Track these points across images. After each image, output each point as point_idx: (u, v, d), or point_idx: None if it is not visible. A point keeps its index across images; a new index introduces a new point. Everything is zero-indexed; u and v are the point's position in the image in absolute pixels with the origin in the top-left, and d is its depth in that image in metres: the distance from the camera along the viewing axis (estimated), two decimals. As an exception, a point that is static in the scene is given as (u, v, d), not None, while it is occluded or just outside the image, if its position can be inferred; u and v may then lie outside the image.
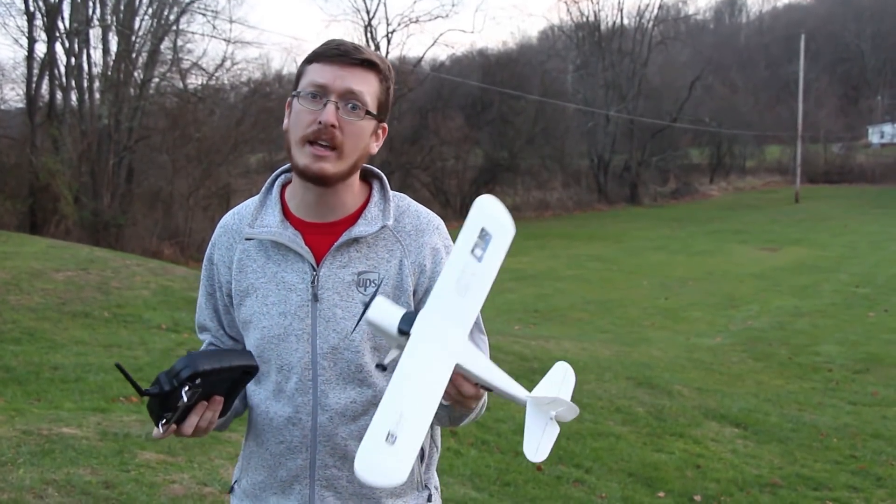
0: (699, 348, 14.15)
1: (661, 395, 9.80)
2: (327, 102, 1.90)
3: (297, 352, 1.98)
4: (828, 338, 14.80)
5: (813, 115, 54.83)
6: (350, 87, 1.91)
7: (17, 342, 9.40)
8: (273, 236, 1.98)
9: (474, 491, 5.76)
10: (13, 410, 6.69)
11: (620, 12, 54.68)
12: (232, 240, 2.06)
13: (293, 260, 1.99)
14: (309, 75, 1.94)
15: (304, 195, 2.01)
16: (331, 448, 2.00)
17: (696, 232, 34.19)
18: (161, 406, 1.79)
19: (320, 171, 1.91)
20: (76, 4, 29.37)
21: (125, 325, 10.59)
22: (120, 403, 7.28)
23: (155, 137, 29.94)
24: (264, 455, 2.05)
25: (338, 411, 1.99)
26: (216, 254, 2.09)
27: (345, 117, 1.91)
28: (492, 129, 42.90)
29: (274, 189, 2.09)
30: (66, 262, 13.58)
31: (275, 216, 2.02)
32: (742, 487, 6.74)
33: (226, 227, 2.09)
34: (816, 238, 30.92)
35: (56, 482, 4.75)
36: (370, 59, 1.95)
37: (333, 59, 1.92)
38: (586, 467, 6.81)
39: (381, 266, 1.99)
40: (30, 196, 26.68)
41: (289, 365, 1.98)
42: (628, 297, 20.22)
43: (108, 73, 29.98)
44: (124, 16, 30.18)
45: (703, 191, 52.42)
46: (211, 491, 4.94)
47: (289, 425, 2.00)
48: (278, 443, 2.02)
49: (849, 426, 8.99)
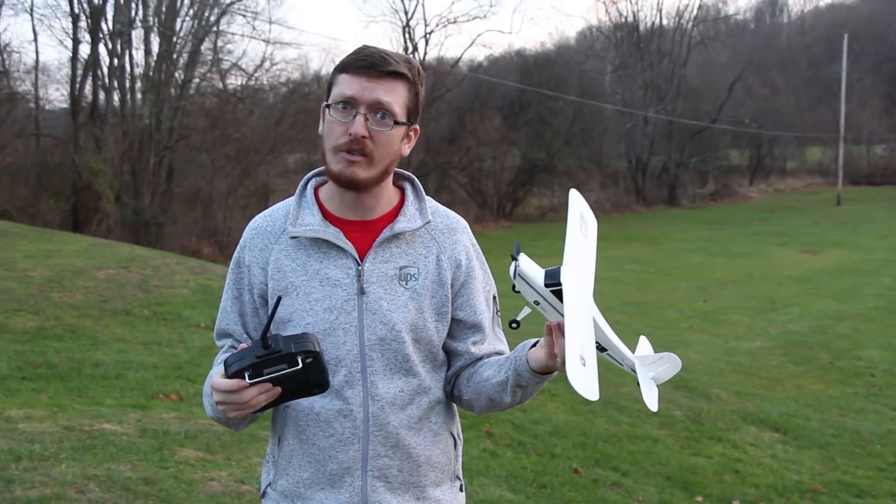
0: (738, 352, 14.02)
1: (699, 398, 9.72)
2: (356, 114, 1.97)
3: (345, 345, 2.02)
4: (870, 342, 14.60)
5: (856, 115, 54.04)
6: (378, 98, 1.97)
7: (59, 339, 9.52)
8: (317, 233, 2.03)
9: (510, 493, 5.75)
10: (56, 406, 6.78)
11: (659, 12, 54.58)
12: (266, 241, 2.09)
13: (336, 256, 2.04)
14: (339, 86, 2.00)
15: (343, 196, 2.07)
16: (383, 437, 2.03)
17: (735, 234, 33.87)
18: (258, 362, 1.77)
19: (353, 176, 1.99)
20: (119, 6, 29.72)
21: (165, 323, 10.69)
22: (159, 401, 7.35)
23: (195, 137, 30.19)
24: (311, 450, 2.05)
25: (388, 401, 2.03)
26: (247, 256, 2.11)
27: (374, 128, 1.98)
28: (529, 130, 42.72)
29: (308, 191, 2.15)
30: (108, 260, 13.75)
31: (314, 215, 2.07)
32: (782, 493, 6.68)
33: (258, 229, 2.13)
34: (859, 241, 30.51)
35: (97, 477, 4.80)
36: (399, 70, 2.00)
37: (361, 71, 1.98)
38: (623, 470, 6.78)
39: (420, 262, 2.08)
40: (72, 195, 26.98)
41: (336, 358, 2.01)
42: (666, 299, 20.09)
43: (150, 74, 30.30)
44: (166, 17, 30.47)
45: (742, 192, 51.90)
46: (248, 489, 4.97)
47: (339, 417, 2.02)
48: (327, 436, 2.03)
49: (892, 432, 8.88)
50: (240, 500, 4.78)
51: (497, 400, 2.07)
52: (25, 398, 7.17)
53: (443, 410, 2.16)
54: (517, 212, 41.62)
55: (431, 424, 2.11)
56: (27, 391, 7.50)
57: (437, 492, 2.12)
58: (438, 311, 2.10)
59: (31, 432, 5.65)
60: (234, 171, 29.43)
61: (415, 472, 2.07)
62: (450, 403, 2.20)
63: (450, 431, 2.18)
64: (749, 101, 53.34)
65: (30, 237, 15.75)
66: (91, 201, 26.75)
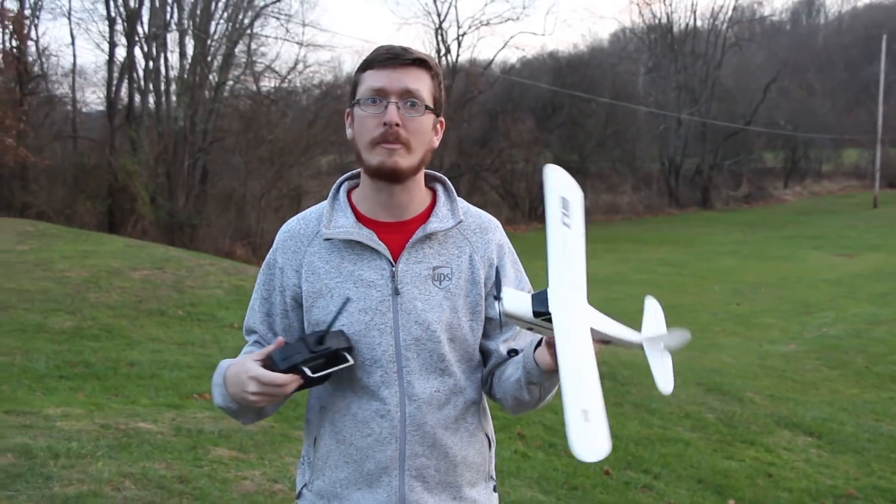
0: (772, 355, 13.91)
1: (732, 401, 9.66)
2: (388, 104, 2.00)
3: (380, 345, 2.03)
4: (906, 347, 14.43)
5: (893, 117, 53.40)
6: (407, 86, 2.01)
7: (96, 338, 9.63)
8: (351, 235, 2.05)
9: (541, 494, 5.75)
10: (92, 405, 6.87)
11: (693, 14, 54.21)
12: (299, 244, 2.12)
13: (370, 258, 2.06)
14: (366, 82, 2.03)
15: (377, 196, 2.09)
16: (420, 437, 2.05)
17: (769, 237, 33.60)
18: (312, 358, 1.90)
19: (394, 166, 2.01)
20: (155, 10, 30.01)
21: (199, 324, 10.78)
22: (193, 400, 7.42)
23: (229, 139, 30.40)
24: (348, 451, 2.06)
25: (425, 400, 2.05)
26: (280, 258, 2.14)
27: (406, 115, 2.01)
28: (562, 132, 42.66)
29: (341, 194, 2.17)
30: (143, 261, 13.88)
31: (348, 218, 2.09)
32: (816, 498, 6.62)
33: (291, 232, 2.15)
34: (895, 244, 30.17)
35: (133, 475, 4.86)
36: (421, 58, 2.04)
37: (386, 63, 2.02)
38: (655, 473, 6.75)
39: (453, 261, 2.09)
40: (108, 196, 27.27)
41: (372, 359, 2.03)
42: (699, 302, 19.97)
43: (185, 77, 30.56)
44: (200, 20, 30.72)
45: (777, 195, 51.45)
46: (281, 488, 5.01)
47: (377, 417, 2.04)
48: (365, 436, 2.04)
49: (928, 438, 8.78)
50: (272, 500, 4.82)
51: (520, 398, 2.06)
52: (63, 397, 7.27)
53: (478, 411, 2.17)
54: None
55: (468, 424, 2.13)
56: (65, 390, 7.59)
57: (472, 492, 2.14)
58: (472, 310, 2.11)
59: (68, 430, 5.72)
60: (268, 173, 29.58)
61: (451, 471, 2.09)
62: (484, 404, 2.21)
63: (485, 432, 2.20)
64: (784, 103, 52.85)
65: (67, 238, 15.93)
66: (127, 203, 27.01)
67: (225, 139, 30.41)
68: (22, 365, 8.38)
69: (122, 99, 30.16)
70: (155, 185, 28.09)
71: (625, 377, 10.11)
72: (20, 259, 13.39)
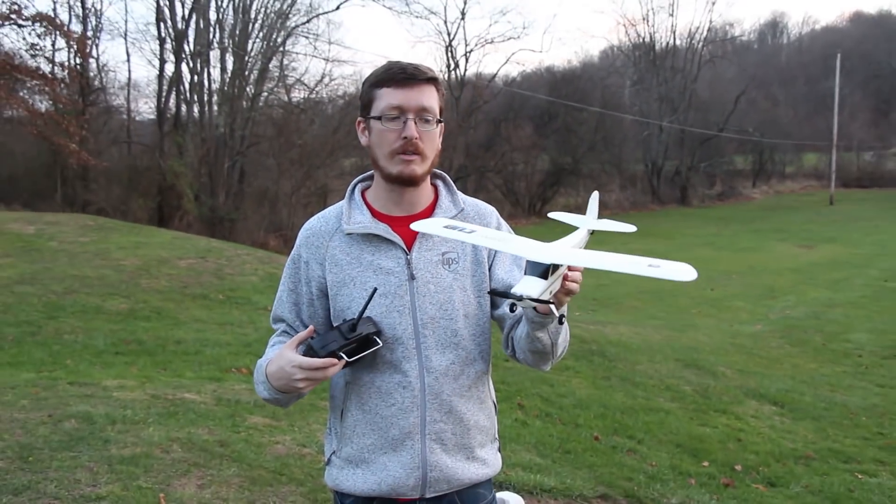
0: (741, 334, 13.87)
1: (707, 375, 9.64)
2: (406, 120, 2.01)
3: (400, 325, 2.03)
4: (858, 327, 14.38)
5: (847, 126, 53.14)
6: (422, 104, 2.03)
7: (147, 319, 9.65)
8: (369, 229, 2.06)
9: (539, 457, 5.74)
10: (144, 378, 6.88)
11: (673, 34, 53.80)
12: (321, 240, 2.12)
13: (386, 248, 2.06)
14: (384, 99, 2.03)
15: (390, 195, 2.11)
16: (438, 404, 2.05)
17: (739, 230, 33.50)
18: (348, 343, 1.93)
19: (412, 174, 2.04)
20: (199, 30, 30.04)
21: (237, 307, 10.79)
22: (232, 374, 7.43)
23: (263, 144, 30.45)
24: (374, 419, 2.06)
25: (441, 372, 2.05)
26: (304, 253, 2.14)
27: (422, 129, 2.03)
28: (557, 138, 42.53)
29: (356, 194, 2.19)
30: (188, 251, 13.91)
31: (364, 214, 2.11)
32: (779, 459, 6.61)
33: (313, 229, 2.15)
34: (849, 237, 30.04)
35: (179, 439, 4.86)
36: (431, 76, 2.06)
37: (403, 83, 2.03)
38: (639, 438, 6.74)
39: (459, 247, 2.11)
40: (158, 194, 27.38)
41: (393, 337, 2.03)
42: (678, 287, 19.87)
43: (225, 89, 30.61)
44: (239, 39, 30.76)
45: (746, 194, 51.27)
46: (309, 452, 5.01)
47: (399, 389, 2.04)
48: (388, 406, 2.04)
49: (877, 406, 8.75)
50: (301, 461, 4.82)
51: (535, 350, 2.02)
52: (119, 370, 7.29)
53: (487, 380, 2.18)
54: (546, 210, 41.34)
55: (479, 392, 2.13)
56: (120, 364, 7.62)
57: (482, 452, 2.14)
58: (479, 287, 2.11)
59: (123, 399, 5.73)
60: (297, 174, 29.62)
61: (466, 434, 2.09)
62: (489, 374, 2.21)
63: (491, 398, 2.21)
64: (752, 113, 52.65)
65: (122, 231, 15.97)
66: (174, 200, 27.11)
67: (260, 144, 30.44)
68: (83, 342, 8.41)
69: (170, 108, 30.22)
70: (199, 185, 28.15)
71: (612, 354, 10.09)
72: (82, 249, 13.42)
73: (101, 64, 30.72)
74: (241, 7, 31.09)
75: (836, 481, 6.09)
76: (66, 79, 24.92)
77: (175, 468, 4.41)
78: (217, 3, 30.85)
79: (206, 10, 30.19)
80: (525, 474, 5.11)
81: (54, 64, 24.69)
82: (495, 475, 2.21)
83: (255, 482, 4.37)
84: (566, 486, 5.01)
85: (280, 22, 31.91)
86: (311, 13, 33.55)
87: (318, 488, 4.40)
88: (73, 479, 4.11)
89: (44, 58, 23.89)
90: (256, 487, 4.31)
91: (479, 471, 2.12)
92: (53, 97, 23.05)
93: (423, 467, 2.05)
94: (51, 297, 10.11)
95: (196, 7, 29.71)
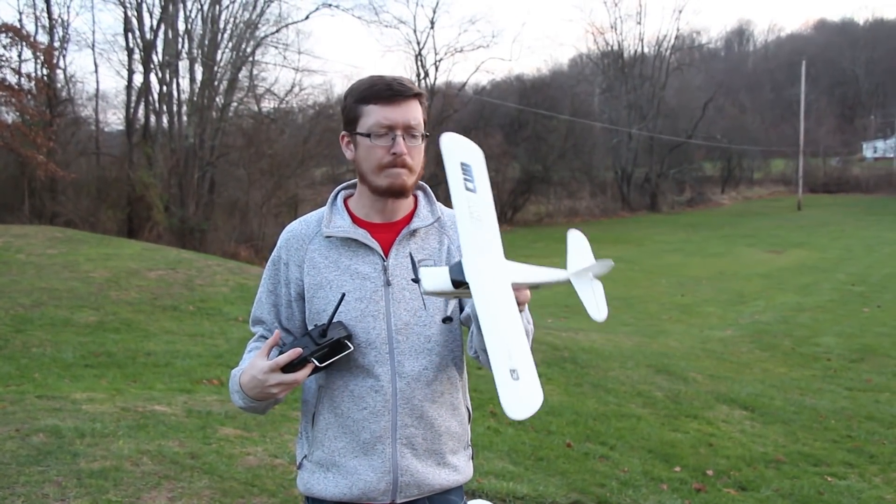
0: (711, 340, 13.99)
1: (678, 381, 9.70)
2: (395, 137, 2.04)
3: (374, 329, 2.05)
4: (827, 331, 14.56)
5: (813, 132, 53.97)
6: (409, 121, 2.05)
7: (116, 331, 9.55)
8: (348, 234, 2.09)
9: (511, 465, 5.75)
10: (114, 390, 6.81)
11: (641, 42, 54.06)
12: (301, 242, 2.13)
13: (364, 253, 2.09)
14: (372, 116, 2.04)
15: (374, 204, 2.13)
16: (409, 409, 2.06)
17: (709, 236, 33.80)
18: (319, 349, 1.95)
19: (403, 185, 2.07)
20: (168, 41, 29.90)
21: (208, 318, 10.71)
22: (203, 385, 7.37)
23: (233, 154, 30.33)
24: (345, 423, 2.07)
25: (413, 377, 2.06)
26: (284, 255, 2.15)
27: (410, 144, 2.06)
28: (527, 146, 42.75)
29: (338, 200, 2.20)
30: (158, 262, 13.78)
31: (345, 219, 2.13)
32: (749, 463, 6.66)
33: (294, 232, 2.16)
34: (817, 242, 30.43)
35: (150, 452, 4.82)
36: (416, 91, 2.09)
37: (390, 100, 2.04)
38: (611, 444, 6.77)
39: (435, 254, 2.14)
40: (127, 205, 27.19)
41: (367, 342, 2.05)
42: (649, 294, 20.07)
43: (194, 99, 30.47)
44: (208, 50, 30.63)
45: (715, 200, 51.79)
46: (281, 462, 4.98)
47: (371, 393, 2.05)
48: (360, 409, 2.05)
49: (845, 409, 8.84)
50: (273, 472, 4.79)
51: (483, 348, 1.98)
52: (88, 383, 7.20)
53: (461, 387, 2.19)
54: (517, 217, 41.63)
55: (452, 399, 2.14)
56: (90, 377, 7.53)
57: (454, 458, 2.15)
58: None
59: (93, 412, 5.67)
60: (268, 184, 29.54)
61: (436, 440, 2.10)
62: (464, 381, 2.22)
63: (465, 405, 2.22)
64: (720, 120, 53.29)
65: (91, 243, 15.80)
66: (143, 211, 26.93)
67: (230, 154, 30.31)
68: (52, 355, 8.31)
69: (139, 119, 30.05)
70: (168, 196, 27.97)
71: (584, 360, 10.13)
72: (50, 262, 13.26)
73: (68, 75, 30.49)
74: (209, 17, 31.00)
75: (806, 484, 6.15)
76: (33, 90, 24.64)
77: (145, 481, 4.37)
78: (185, 14, 30.79)
79: (174, 21, 30.05)
80: (498, 482, 5.11)
81: (21, 75, 24.44)
82: (466, 482, 2.21)
83: (226, 494, 4.34)
84: (539, 494, 5.02)
85: (249, 32, 31.83)
86: (281, 23, 33.50)
87: (289, 499, 4.37)
88: (41, 493, 4.05)
89: (10, 69, 23.72)
90: (228, 499, 4.28)
91: (449, 477, 2.13)
92: (20, 108, 22.82)
93: (394, 472, 2.06)
94: (18, 311, 9.97)
95: (164, 17, 29.57)
